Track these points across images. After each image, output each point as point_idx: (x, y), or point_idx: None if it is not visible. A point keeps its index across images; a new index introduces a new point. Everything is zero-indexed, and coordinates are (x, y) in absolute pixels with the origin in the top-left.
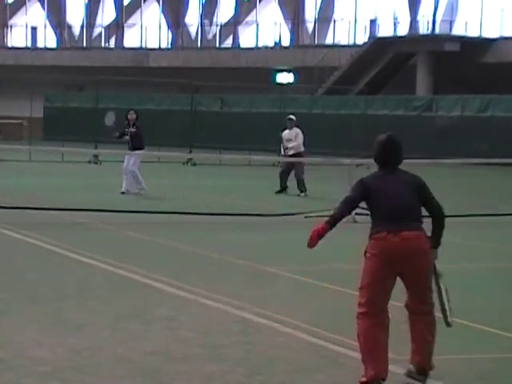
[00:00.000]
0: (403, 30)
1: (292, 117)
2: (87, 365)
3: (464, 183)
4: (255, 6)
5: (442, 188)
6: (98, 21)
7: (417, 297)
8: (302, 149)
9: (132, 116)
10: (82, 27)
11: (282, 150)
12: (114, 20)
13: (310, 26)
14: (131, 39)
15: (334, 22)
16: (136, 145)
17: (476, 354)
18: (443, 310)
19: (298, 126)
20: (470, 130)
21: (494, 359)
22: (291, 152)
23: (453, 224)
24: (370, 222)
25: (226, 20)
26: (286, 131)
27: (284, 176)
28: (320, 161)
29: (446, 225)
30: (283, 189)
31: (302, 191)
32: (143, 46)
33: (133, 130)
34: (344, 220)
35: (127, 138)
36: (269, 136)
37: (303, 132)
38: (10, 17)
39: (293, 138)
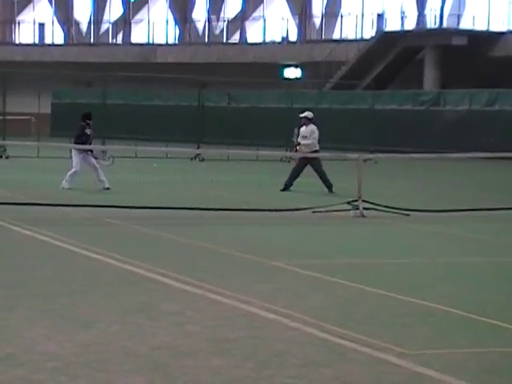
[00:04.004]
0: (411, 24)
1: (306, 114)
2: (96, 360)
3: (471, 177)
4: (262, 1)
5: (449, 182)
6: (106, 17)
7: None
8: (317, 147)
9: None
10: (89, 23)
11: (295, 146)
12: (122, 16)
13: (317, 21)
14: (138, 35)
15: (341, 16)
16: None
17: (486, 347)
18: None
19: (314, 123)
20: (478, 124)
21: (504, 353)
22: (306, 150)
23: (459, 217)
24: (377, 217)
25: (233, 15)
26: (303, 128)
27: (294, 173)
28: (327, 156)
29: (452, 218)
30: (287, 186)
31: (329, 188)
32: (150, 41)
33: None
34: (351, 214)
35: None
36: (276, 131)
37: (319, 128)
38: (18, 13)
39: (308, 135)
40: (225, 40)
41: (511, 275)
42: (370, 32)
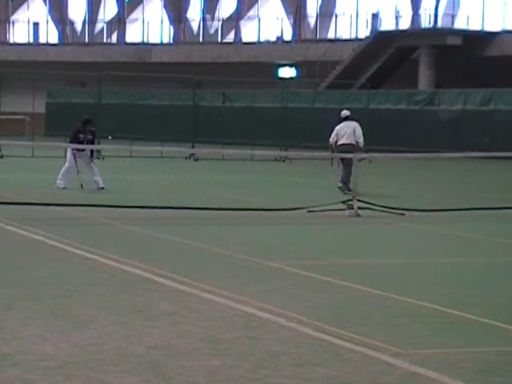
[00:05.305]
0: (405, 24)
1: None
2: (91, 360)
3: (466, 177)
4: (257, 1)
5: (443, 181)
6: (100, 16)
7: None
8: (332, 142)
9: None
10: (83, 23)
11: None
12: (116, 15)
13: (311, 21)
14: (133, 34)
15: (336, 16)
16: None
17: (480, 347)
18: None
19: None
20: (473, 124)
21: (498, 352)
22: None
23: (454, 217)
24: (372, 216)
25: (227, 15)
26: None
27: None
28: (322, 155)
29: (447, 218)
30: (345, 186)
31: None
32: (145, 41)
33: (90, 137)
34: (347, 213)
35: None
36: (271, 130)
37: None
38: (12, 13)
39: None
40: (219, 39)
41: (506, 275)
42: (364, 32)
